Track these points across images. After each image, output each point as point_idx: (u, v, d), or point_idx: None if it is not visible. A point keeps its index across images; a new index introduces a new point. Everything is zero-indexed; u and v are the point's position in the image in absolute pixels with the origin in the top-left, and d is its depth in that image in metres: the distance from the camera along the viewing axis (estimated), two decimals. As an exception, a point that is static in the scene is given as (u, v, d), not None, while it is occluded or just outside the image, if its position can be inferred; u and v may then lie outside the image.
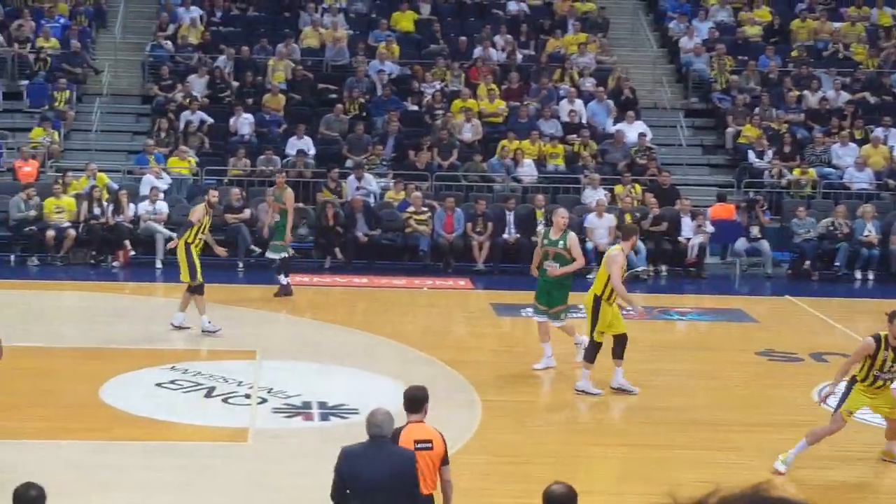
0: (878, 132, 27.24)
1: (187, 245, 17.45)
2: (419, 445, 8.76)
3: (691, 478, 11.85)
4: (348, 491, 8.26)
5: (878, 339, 12.32)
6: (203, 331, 17.43)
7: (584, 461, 13.04)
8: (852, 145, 26.85)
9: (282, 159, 25.73)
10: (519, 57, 29.41)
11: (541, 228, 19.81)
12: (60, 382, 15.37)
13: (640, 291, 22.89)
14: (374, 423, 8.34)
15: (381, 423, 8.35)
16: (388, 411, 8.53)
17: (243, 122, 26.69)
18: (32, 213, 23.33)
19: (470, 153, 26.22)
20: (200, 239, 17.60)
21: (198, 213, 17.77)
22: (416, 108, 27.85)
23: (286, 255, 20.53)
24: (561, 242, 15.92)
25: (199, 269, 17.42)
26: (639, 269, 23.48)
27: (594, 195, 24.70)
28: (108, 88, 28.71)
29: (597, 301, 14.95)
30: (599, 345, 15.12)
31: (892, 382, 12.47)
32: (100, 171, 24.36)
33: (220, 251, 18.44)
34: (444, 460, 8.95)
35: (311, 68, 28.77)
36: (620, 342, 15.20)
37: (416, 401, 8.98)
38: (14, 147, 25.86)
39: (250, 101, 27.39)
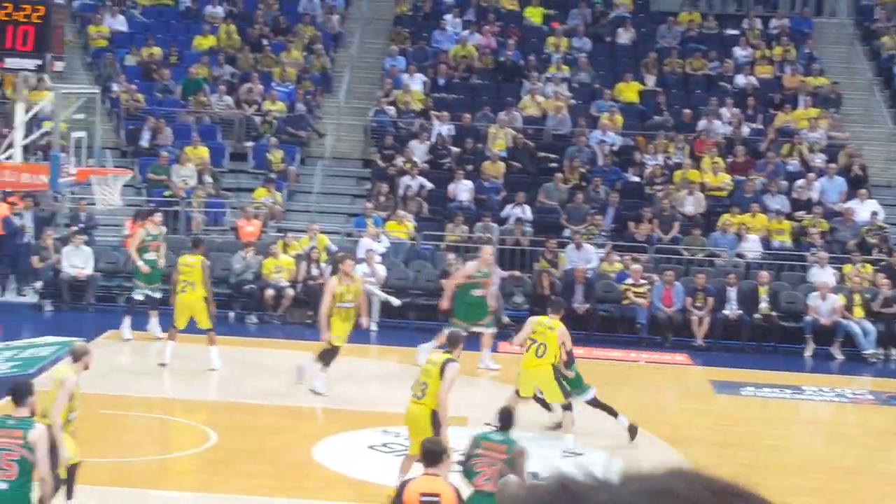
0: None
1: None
2: (424, 499, 8.66)
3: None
4: None
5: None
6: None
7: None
8: None
9: (499, 226, 25.59)
10: (745, 130, 28.70)
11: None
12: (274, 440, 15.34)
13: (868, 375, 21.99)
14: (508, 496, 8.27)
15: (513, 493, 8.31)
16: (521, 482, 8.60)
17: (462, 189, 26.67)
18: (251, 271, 23.62)
19: (691, 226, 25.59)
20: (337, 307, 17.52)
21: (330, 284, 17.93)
22: (637, 179, 27.39)
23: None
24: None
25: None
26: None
27: (822, 274, 23.75)
28: (330, 151, 29.16)
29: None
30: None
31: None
32: (320, 232, 24.60)
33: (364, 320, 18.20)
34: None
35: (531, 136, 28.63)
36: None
37: (432, 455, 9.08)
38: (237, 207, 26.36)
39: (470, 167, 27.37)
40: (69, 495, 11.58)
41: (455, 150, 28.08)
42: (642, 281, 23.58)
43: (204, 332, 18.73)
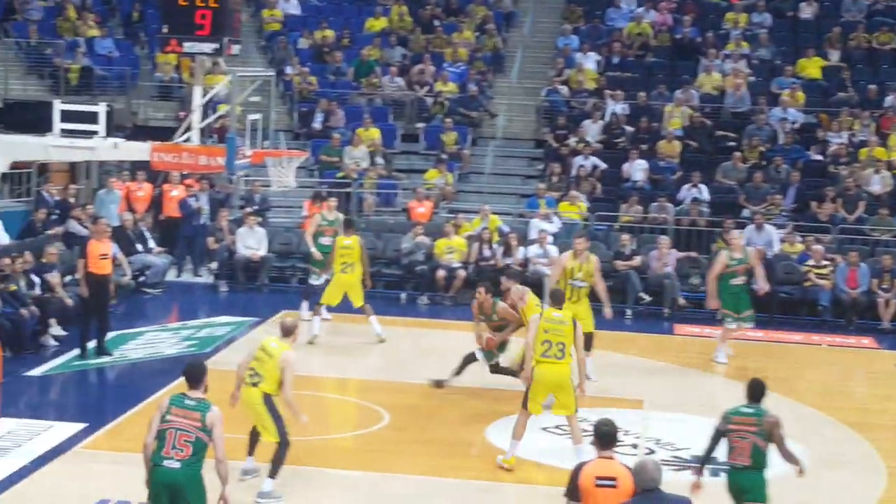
0: None
1: None
2: (600, 482, 8.44)
3: None
4: None
5: None
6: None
7: None
8: None
9: (675, 206, 25.01)
10: (936, 106, 27.59)
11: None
12: (446, 420, 15.20)
13: None
14: (650, 478, 8.27)
15: (653, 474, 8.31)
16: (657, 461, 8.65)
17: (637, 168, 26.20)
18: (421, 252, 23.52)
19: (877, 206, 24.63)
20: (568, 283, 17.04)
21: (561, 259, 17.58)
22: (819, 157, 26.49)
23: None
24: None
25: None
26: None
27: None
28: (502, 132, 28.97)
29: None
30: None
31: None
32: (492, 213, 24.38)
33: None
34: None
35: (708, 115, 27.93)
36: None
37: (606, 437, 8.79)
38: (409, 188, 26.32)
39: (644, 146, 26.86)
40: (273, 474, 11.80)
41: (629, 129, 27.59)
42: (825, 262, 22.80)
43: (359, 309, 18.97)
